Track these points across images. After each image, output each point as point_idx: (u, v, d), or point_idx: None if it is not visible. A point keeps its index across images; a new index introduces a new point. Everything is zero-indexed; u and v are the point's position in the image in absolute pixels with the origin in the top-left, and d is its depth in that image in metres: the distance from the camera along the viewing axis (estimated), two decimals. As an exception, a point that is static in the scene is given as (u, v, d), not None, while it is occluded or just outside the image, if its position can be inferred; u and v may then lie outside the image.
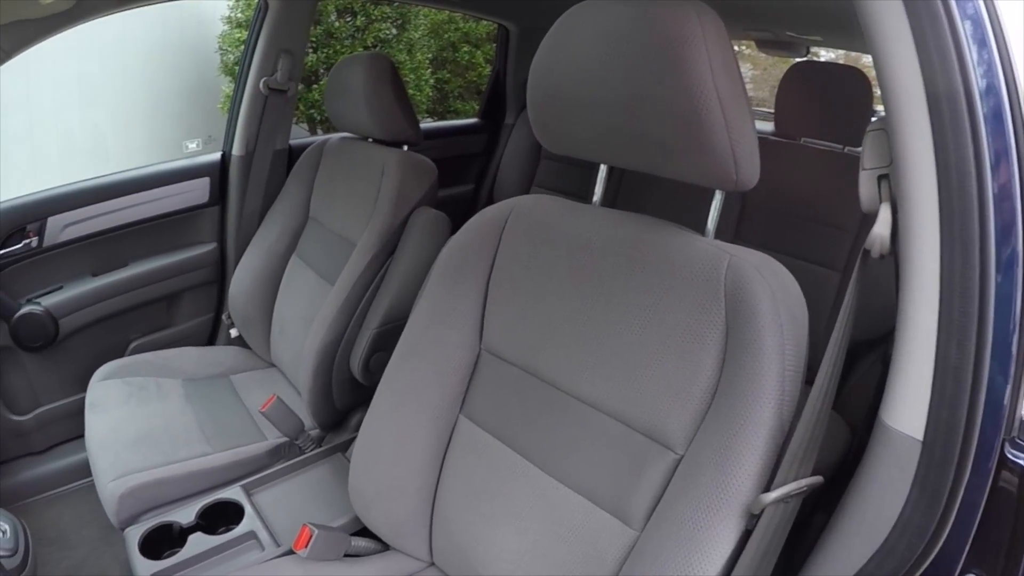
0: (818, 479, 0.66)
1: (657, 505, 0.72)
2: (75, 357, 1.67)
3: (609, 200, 0.97)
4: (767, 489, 0.65)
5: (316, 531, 0.92)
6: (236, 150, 1.80)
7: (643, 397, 0.75)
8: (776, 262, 0.73)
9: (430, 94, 4.89)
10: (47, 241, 1.59)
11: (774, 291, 0.68)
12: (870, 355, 1.18)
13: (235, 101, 1.81)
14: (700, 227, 0.81)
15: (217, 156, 1.83)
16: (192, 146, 2.64)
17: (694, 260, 0.73)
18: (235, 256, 1.79)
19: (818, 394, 0.66)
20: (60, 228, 1.60)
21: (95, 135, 2.83)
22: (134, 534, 1.10)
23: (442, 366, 0.92)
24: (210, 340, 1.88)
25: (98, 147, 2.77)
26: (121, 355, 1.65)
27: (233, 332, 1.76)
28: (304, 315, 1.49)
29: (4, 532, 1.00)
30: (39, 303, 1.57)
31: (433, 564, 0.97)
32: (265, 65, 1.71)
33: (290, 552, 0.98)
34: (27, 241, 1.56)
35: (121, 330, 1.75)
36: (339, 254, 1.45)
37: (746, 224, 1.77)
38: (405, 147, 1.50)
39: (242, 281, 1.64)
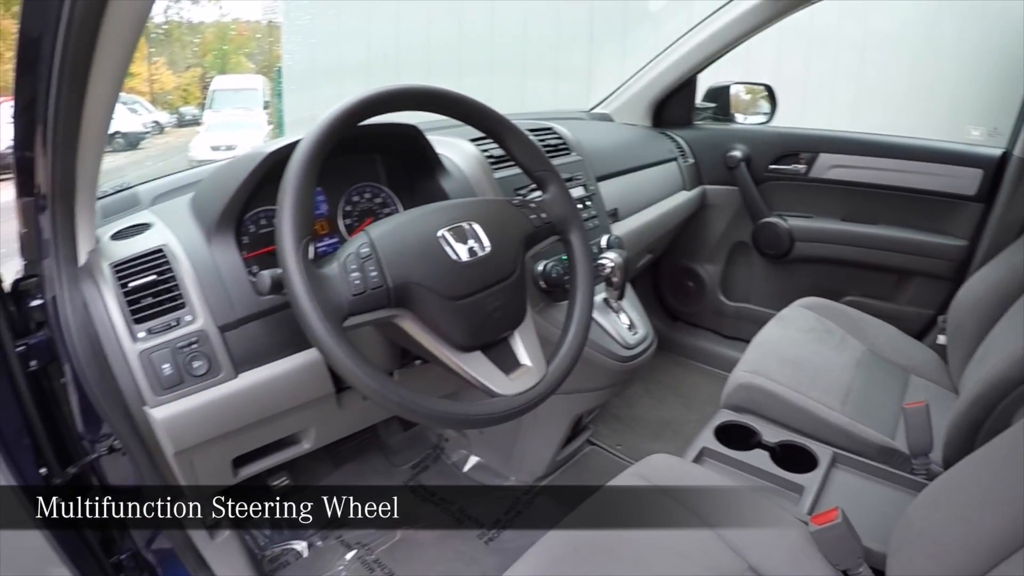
0: None
1: None
2: (796, 278, 1.88)
3: None
4: None
5: (840, 520, 0.86)
6: (1019, 151, 1.59)
7: None
8: None
9: None
10: (813, 173, 1.82)
11: None
12: None
13: (1024, 97, 1.55)
14: None
15: (997, 151, 1.66)
16: (975, 134, 2.63)
17: None
18: (981, 262, 1.61)
19: None
20: (827, 167, 1.79)
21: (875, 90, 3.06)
22: (720, 417, 1.27)
23: None
24: (918, 335, 1.75)
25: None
26: (832, 299, 1.69)
27: (940, 339, 1.59)
28: (1012, 348, 1.23)
29: (636, 332, 1.31)
30: (785, 220, 1.89)
31: None
32: None
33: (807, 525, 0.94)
34: (797, 166, 1.85)
35: (842, 279, 1.86)
36: None
37: None
38: None
39: (974, 289, 1.46)
